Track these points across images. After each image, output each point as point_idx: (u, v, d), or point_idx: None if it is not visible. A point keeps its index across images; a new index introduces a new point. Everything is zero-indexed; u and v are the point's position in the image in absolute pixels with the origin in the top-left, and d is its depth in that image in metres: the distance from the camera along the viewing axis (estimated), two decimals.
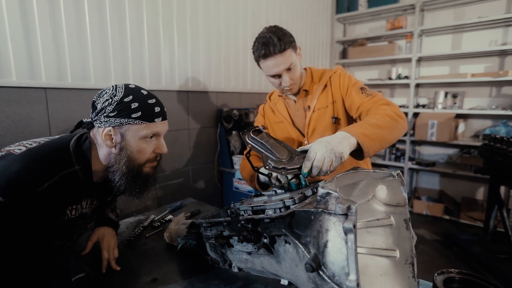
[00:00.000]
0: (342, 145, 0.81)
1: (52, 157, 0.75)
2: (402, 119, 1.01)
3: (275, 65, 1.10)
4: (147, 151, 0.82)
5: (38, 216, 0.71)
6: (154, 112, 0.81)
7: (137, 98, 0.78)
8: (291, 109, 1.31)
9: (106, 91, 0.80)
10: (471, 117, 3.35)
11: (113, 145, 0.79)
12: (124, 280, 0.95)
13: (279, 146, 0.86)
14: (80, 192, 0.81)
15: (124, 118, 0.76)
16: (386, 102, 1.07)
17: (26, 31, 1.33)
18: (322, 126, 1.21)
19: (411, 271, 0.76)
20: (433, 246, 2.76)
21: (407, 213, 0.80)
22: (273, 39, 1.07)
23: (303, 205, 0.64)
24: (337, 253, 0.51)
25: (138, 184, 0.83)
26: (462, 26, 3.17)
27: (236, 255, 0.83)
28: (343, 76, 1.22)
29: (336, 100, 1.21)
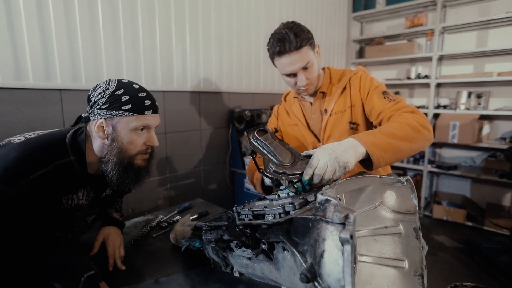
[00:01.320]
0: (348, 153, 0.77)
1: (48, 147, 0.78)
2: (426, 129, 0.93)
3: (290, 63, 1.04)
4: (138, 143, 0.84)
5: (34, 202, 0.73)
6: (144, 105, 0.83)
7: (128, 91, 0.81)
8: (306, 111, 1.24)
9: (100, 85, 0.83)
10: (497, 119, 3.17)
11: (105, 137, 0.82)
12: (128, 279, 0.96)
13: (283, 149, 0.83)
14: (75, 182, 0.83)
15: (115, 110, 0.79)
16: (410, 110, 0.99)
17: (43, 35, 1.38)
18: (339, 131, 1.14)
19: (420, 283, 0.72)
20: (453, 253, 2.62)
21: (417, 221, 0.76)
22: (289, 35, 1.01)
23: (302, 211, 0.61)
24: (333, 265, 0.48)
25: (130, 175, 0.85)
26: (488, 22, 3.00)
27: (237, 260, 0.81)
28: (364, 78, 1.13)
29: (355, 103, 1.12)
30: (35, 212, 0.75)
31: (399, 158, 0.88)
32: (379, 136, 0.85)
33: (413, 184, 0.76)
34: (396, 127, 0.89)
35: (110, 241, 1.04)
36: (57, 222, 0.84)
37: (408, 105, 1.01)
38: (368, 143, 0.81)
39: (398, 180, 0.74)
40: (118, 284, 0.94)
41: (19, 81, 1.32)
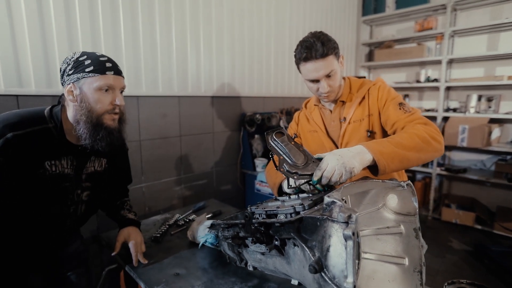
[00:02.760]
0: (355, 160, 0.84)
1: (28, 116, 0.89)
2: (436, 141, 0.97)
3: (315, 70, 1.09)
4: (104, 102, 0.91)
5: (14, 159, 0.82)
6: (105, 66, 0.91)
7: (90, 57, 0.90)
8: (326, 119, 1.29)
9: (68, 57, 0.92)
10: (508, 122, 3.16)
11: (75, 99, 0.90)
12: (150, 272, 1.05)
13: (297, 151, 0.89)
14: (56, 149, 0.92)
15: (80, 73, 0.88)
16: (423, 122, 1.03)
17: (70, 45, 1.49)
18: (357, 138, 1.18)
19: (419, 279, 0.78)
20: (461, 256, 2.64)
21: (417, 222, 0.82)
22: (316, 43, 1.07)
23: (311, 211, 0.69)
24: (338, 257, 0.55)
25: (101, 134, 0.92)
26: (499, 25, 3.00)
27: (251, 255, 0.89)
28: (383, 89, 1.17)
29: (373, 113, 1.17)
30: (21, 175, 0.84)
31: (407, 167, 0.93)
32: (387, 145, 0.90)
33: (414, 188, 0.82)
34: (406, 138, 0.94)
35: (132, 239, 1.13)
36: (47, 194, 0.91)
37: (422, 117, 1.05)
38: (376, 151, 0.87)
39: (399, 184, 0.81)
40: (142, 276, 1.03)
41: (50, 88, 1.45)
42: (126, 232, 1.15)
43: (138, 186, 1.88)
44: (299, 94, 3.03)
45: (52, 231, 1.00)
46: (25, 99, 1.40)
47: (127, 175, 1.26)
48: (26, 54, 1.38)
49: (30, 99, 1.41)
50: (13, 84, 1.36)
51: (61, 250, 1.10)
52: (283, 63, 2.82)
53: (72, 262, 1.13)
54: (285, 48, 2.80)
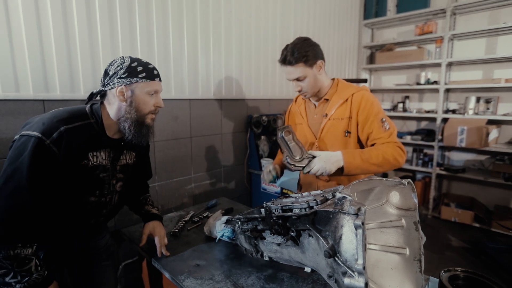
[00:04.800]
0: (333, 165, 1.20)
1: (75, 112, 1.00)
2: (398, 162, 1.25)
3: (287, 73, 1.32)
4: (150, 104, 1.05)
5: (66, 150, 0.93)
6: (154, 73, 1.05)
7: (141, 64, 1.02)
8: (310, 112, 1.47)
9: (116, 61, 1.02)
10: (506, 123, 3.26)
11: (124, 100, 1.01)
12: (173, 264, 1.15)
13: (297, 148, 1.19)
14: (98, 141, 1.02)
15: (133, 78, 1.00)
16: (398, 145, 1.27)
17: (92, 54, 1.60)
18: (334, 134, 1.36)
19: (418, 266, 0.88)
20: (460, 253, 2.74)
21: (416, 216, 0.92)
22: (288, 51, 1.27)
23: (324, 206, 0.79)
24: (349, 244, 0.65)
25: (143, 131, 1.05)
26: (497, 30, 3.09)
27: (267, 246, 0.99)
28: (366, 101, 1.31)
29: (353, 117, 1.33)
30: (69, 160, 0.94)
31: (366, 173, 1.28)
32: (358, 158, 1.22)
33: (414, 185, 0.92)
34: (374, 156, 1.22)
35: (157, 232, 1.23)
36: (88, 183, 1.02)
37: (396, 139, 1.29)
38: (347, 161, 1.21)
39: (400, 182, 0.91)
40: (166, 267, 1.13)
41: (73, 93, 1.55)
42: (151, 226, 1.26)
43: (152, 185, 1.98)
44: None
45: (91, 218, 1.10)
46: (50, 103, 1.50)
47: (149, 169, 1.37)
48: (52, 62, 1.48)
49: (55, 103, 1.50)
50: (41, 89, 1.46)
51: (94, 241, 1.20)
52: None
53: (102, 255, 1.23)
54: None
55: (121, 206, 1.24)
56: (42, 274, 0.93)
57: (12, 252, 0.87)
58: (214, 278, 1.04)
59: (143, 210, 1.32)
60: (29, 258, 0.90)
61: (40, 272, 0.93)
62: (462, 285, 0.90)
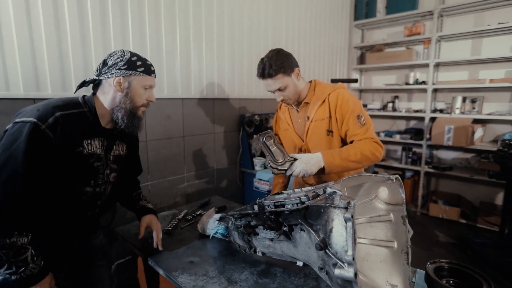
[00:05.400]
0: (314, 167, 1.24)
1: (69, 101, 1.02)
2: (375, 157, 1.30)
3: (267, 85, 1.35)
4: (144, 97, 1.09)
5: (62, 136, 0.94)
6: (151, 69, 1.10)
7: (140, 59, 1.07)
8: (294, 117, 1.51)
9: (116, 53, 1.06)
10: (491, 122, 3.36)
11: (121, 90, 1.04)
12: (167, 261, 1.16)
13: (279, 152, 1.23)
14: (92, 129, 1.04)
15: (132, 71, 1.04)
16: (374, 140, 1.32)
17: (84, 53, 1.59)
18: (318, 135, 1.42)
19: (405, 258, 0.91)
20: (447, 249, 2.82)
21: (404, 211, 0.96)
22: (267, 64, 1.30)
23: (315, 201, 0.81)
24: (339, 236, 0.68)
25: (135, 123, 1.09)
26: (482, 32, 3.19)
27: (260, 242, 1.01)
28: (342, 99, 1.36)
29: (332, 116, 1.39)
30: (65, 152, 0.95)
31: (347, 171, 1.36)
32: (337, 158, 1.27)
33: (401, 181, 0.95)
34: (352, 153, 1.28)
35: (154, 225, 1.26)
36: (83, 172, 1.03)
37: (373, 134, 1.34)
38: (327, 161, 1.26)
39: (388, 178, 0.94)
40: (160, 264, 1.14)
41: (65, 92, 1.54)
42: (148, 219, 1.28)
43: (145, 184, 1.98)
44: None
45: (87, 210, 1.10)
46: None
47: (139, 164, 1.38)
48: (43, 60, 1.47)
49: None
50: (32, 88, 1.45)
51: (90, 241, 1.20)
52: None
53: (98, 254, 1.23)
54: None
55: (114, 200, 1.25)
56: (38, 264, 0.93)
57: (8, 241, 0.87)
58: (208, 274, 1.06)
59: (138, 205, 1.33)
60: (25, 247, 0.90)
61: (36, 262, 0.92)
62: (447, 275, 0.94)
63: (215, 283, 1.01)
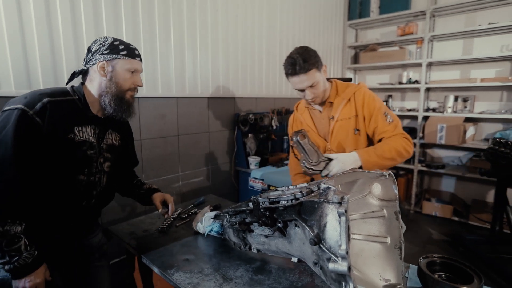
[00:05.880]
0: (351, 166, 1.19)
1: (57, 89, 1.03)
2: (408, 153, 1.28)
3: (299, 82, 1.29)
4: (129, 81, 1.08)
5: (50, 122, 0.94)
6: (135, 53, 1.09)
7: (122, 43, 1.07)
8: (316, 118, 1.48)
9: (99, 39, 1.07)
10: (483, 121, 3.41)
11: (105, 75, 1.04)
12: (162, 259, 1.16)
13: (313, 151, 1.19)
14: (82, 116, 1.04)
15: (115, 54, 1.04)
16: (404, 136, 1.30)
17: (77, 51, 1.57)
18: (344, 135, 1.39)
19: (399, 254, 0.93)
20: (440, 246, 2.86)
21: (397, 206, 0.97)
22: (299, 60, 1.24)
23: (309, 196, 0.82)
24: (333, 231, 0.69)
25: (123, 107, 1.09)
26: (473, 31, 3.24)
27: (255, 239, 1.01)
28: (368, 97, 1.36)
29: (359, 114, 1.37)
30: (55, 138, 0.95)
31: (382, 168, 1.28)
32: (373, 155, 1.25)
33: (394, 177, 0.96)
34: (387, 150, 1.26)
35: (168, 198, 1.34)
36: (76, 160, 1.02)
37: (402, 131, 1.32)
38: (364, 160, 1.24)
39: (382, 174, 0.95)
40: (154, 262, 1.14)
41: None
42: (160, 195, 1.34)
43: None
44: (289, 95, 3.17)
45: (82, 199, 1.09)
46: None
47: (134, 156, 1.38)
48: (35, 58, 1.46)
49: None
50: (23, 86, 1.43)
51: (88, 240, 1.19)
52: (274, 65, 2.95)
53: (95, 254, 1.22)
54: (276, 51, 2.94)
55: (111, 192, 1.24)
56: (32, 253, 0.92)
57: (2, 229, 0.86)
58: (203, 272, 1.06)
59: (143, 189, 1.36)
60: (18, 236, 0.89)
61: (30, 251, 0.91)
62: (439, 269, 0.95)
63: (210, 280, 1.01)
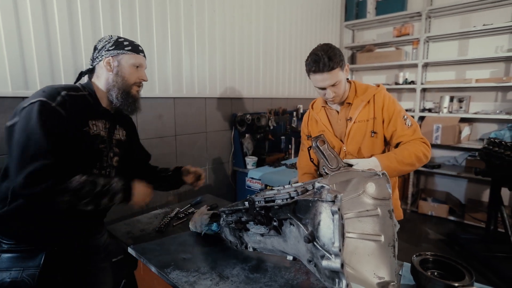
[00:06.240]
0: None
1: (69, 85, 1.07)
2: (426, 156, 1.26)
3: (322, 80, 1.26)
4: (135, 75, 1.13)
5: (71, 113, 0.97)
6: (139, 49, 1.15)
7: (126, 40, 1.13)
8: (332, 118, 1.45)
9: (104, 37, 1.13)
10: (478, 121, 3.45)
11: (111, 70, 1.09)
12: (159, 258, 1.17)
13: (333, 157, 1.14)
14: (95, 110, 1.09)
15: (120, 50, 1.10)
16: (423, 141, 1.29)
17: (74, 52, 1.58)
18: (361, 137, 1.36)
19: (392, 252, 0.94)
20: (436, 245, 2.89)
21: (390, 205, 0.98)
22: (324, 58, 1.21)
23: (304, 195, 0.83)
24: (327, 229, 0.70)
25: (129, 101, 1.13)
26: (468, 33, 3.28)
27: (251, 237, 1.03)
28: (388, 99, 1.34)
29: (377, 117, 1.35)
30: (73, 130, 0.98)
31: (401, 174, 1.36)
32: (394, 161, 1.23)
33: (388, 176, 0.98)
34: (406, 156, 1.24)
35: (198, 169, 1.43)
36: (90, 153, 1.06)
37: (420, 135, 1.31)
38: (385, 166, 1.21)
39: (376, 174, 0.97)
40: (151, 261, 1.14)
41: None
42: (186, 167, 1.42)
43: None
44: (286, 95, 3.19)
45: None
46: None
47: (144, 150, 1.44)
48: (32, 59, 1.46)
49: None
50: (20, 86, 1.43)
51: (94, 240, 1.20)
52: (271, 65, 2.97)
53: (101, 254, 1.23)
54: (273, 51, 2.95)
55: None
56: (117, 181, 1.01)
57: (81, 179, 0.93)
58: (200, 270, 1.07)
59: (169, 171, 1.43)
60: (92, 180, 0.96)
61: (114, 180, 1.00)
62: (432, 267, 0.97)
63: (207, 278, 1.02)
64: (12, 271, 0.97)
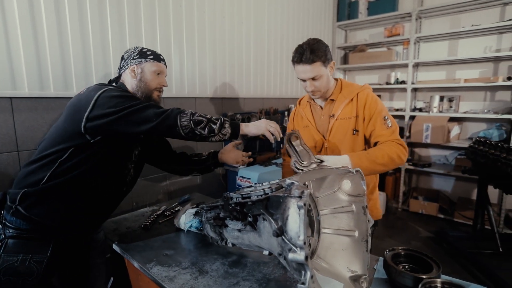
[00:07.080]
0: None
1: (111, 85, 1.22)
2: (401, 160, 1.27)
3: (303, 72, 1.31)
4: (156, 81, 1.27)
5: None
6: (160, 58, 1.29)
7: (149, 50, 1.28)
8: (316, 114, 1.49)
9: (130, 48, 1.28)
10: (467, 120, 3.49)
11: (135, 76, 1.23)
12: (142, 254, 1.19)
13: (305, 152, 1.18)
14: None
15: (143, 58, 1.24)
16: (399, 142, 1.29)
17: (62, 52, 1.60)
18: (342, 134, 1.40)
19: (365, 246, 0.97)
20: (425, 242, 2.92)
21: (364, 201, 1.01)
22: (307, 50, 1.26)
23: (276, 192, 0.86)
24: (294, 223, 0.73)
25: None
26: (458, 33, 3.32)
27: (230, 233, 1.05)
28: (371, 99, 1.37)
29: (359, 115, 1.37)
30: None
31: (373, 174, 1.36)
32: (365, 160, 1.24)
33: (362, 173, 1.01)
34: (379, 156, 1.25)
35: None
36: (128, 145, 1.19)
37: (398, 137, 1.32)
38: (355, 164, 1.22)
39: (349, 171, 0.99)
40: (134, 256, 1.17)
41: (42, 91, 1.55)
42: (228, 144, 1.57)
43: None
44: (277, 95, 3.21)
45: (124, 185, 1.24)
46: (18, 101, 1.49)
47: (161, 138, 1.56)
48: (19, 59, 1.48)
49: (23, 100, 1.50)
50: (7, 86, 1.45)
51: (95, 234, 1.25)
52: (262, 65, 2.99)
53: (98, 249, 1.27)
54: (264, 51, 2.98)
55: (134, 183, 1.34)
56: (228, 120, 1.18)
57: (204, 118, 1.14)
58: (181, 265, 1.09)
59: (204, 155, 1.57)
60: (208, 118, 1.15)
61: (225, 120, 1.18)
62: (404, 261, 1.00)
63: (187, 273, 1.04)
64: (20, 257, 1.01)
